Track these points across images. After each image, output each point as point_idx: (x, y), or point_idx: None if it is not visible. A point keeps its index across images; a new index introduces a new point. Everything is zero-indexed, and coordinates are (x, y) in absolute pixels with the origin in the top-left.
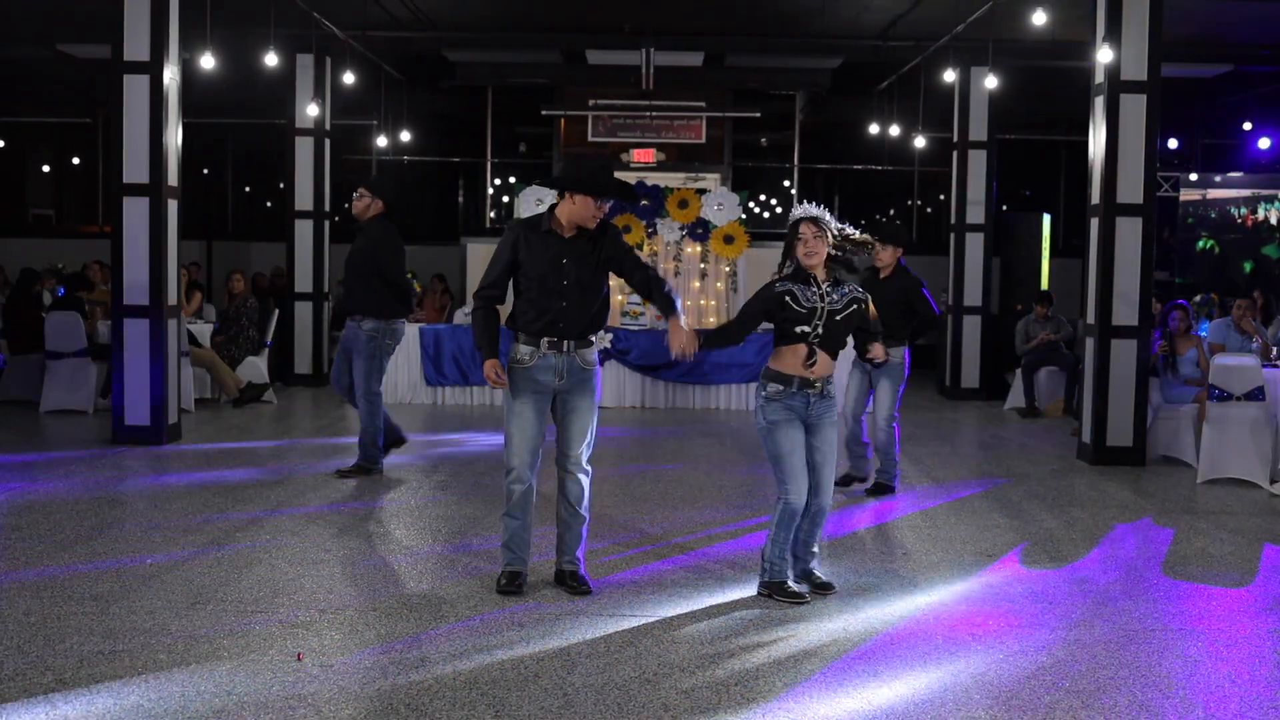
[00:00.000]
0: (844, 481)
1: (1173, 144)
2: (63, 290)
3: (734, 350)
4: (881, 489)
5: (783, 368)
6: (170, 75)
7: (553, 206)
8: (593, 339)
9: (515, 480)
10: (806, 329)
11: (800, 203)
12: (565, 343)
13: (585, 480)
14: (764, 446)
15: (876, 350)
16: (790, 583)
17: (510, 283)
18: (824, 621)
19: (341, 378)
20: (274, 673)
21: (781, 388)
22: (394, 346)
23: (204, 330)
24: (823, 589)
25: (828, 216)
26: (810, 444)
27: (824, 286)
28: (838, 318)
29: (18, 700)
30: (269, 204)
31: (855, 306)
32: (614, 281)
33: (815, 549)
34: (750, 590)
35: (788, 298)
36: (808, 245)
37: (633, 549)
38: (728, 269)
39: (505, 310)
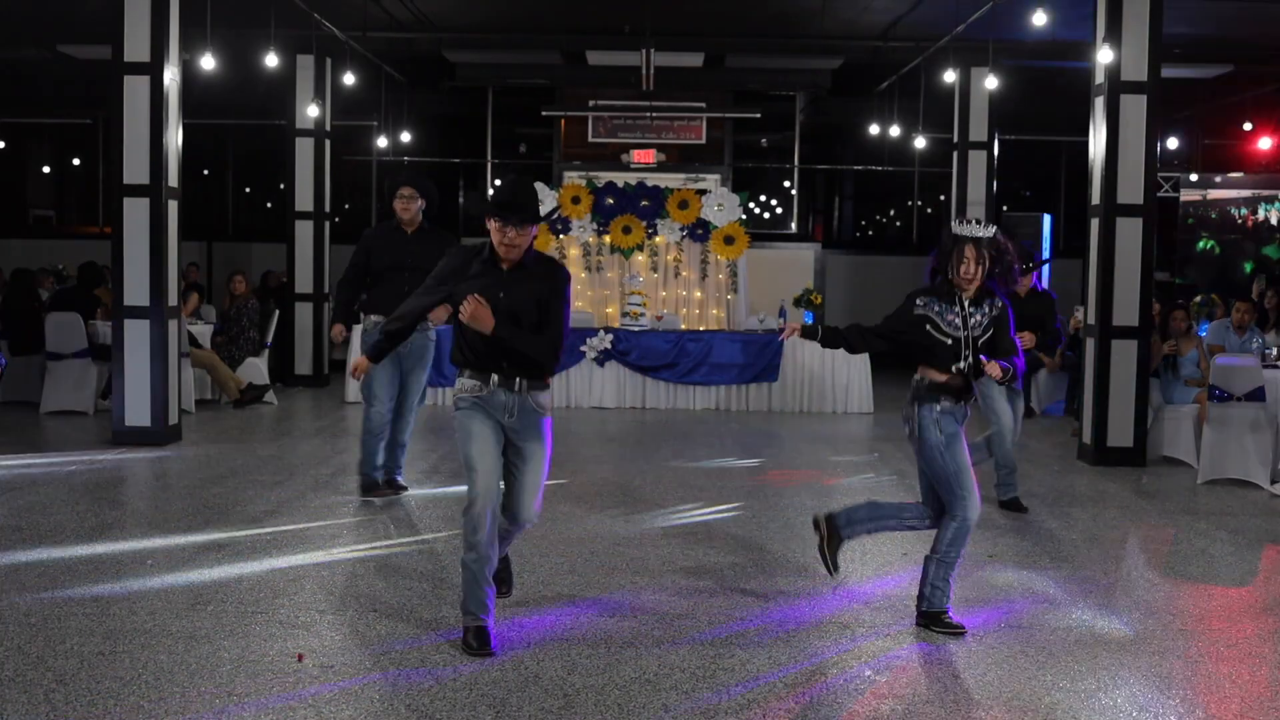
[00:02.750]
0: (1015, 506)
1: (1173, 144)
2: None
3: (733, 350)
4: (1018, 504)
5: (938, 379)
6: (170, 76)
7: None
8: (549, 382)
9: (481, 506)
10: (961, 365)
11: (962, 221)
12: (516, 380)
13: (529, 527)
14: (941, 464)
15: (992, 369)
16: (949, 614)
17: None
18: (824, 623)
19: (389, 390)
20: (274, 673)
21: (951, 402)
22: None
23: (204, 331)
24: (952, 630)
25: (992, 231)
26: None
27: (969, 307)
28: (981, 342)
29: (18, 700)
30: (269, 205)
31: (995, 326)
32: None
33: (950, 581)
34: (749, 589)
35: (928, 325)
36: (967, 268)
37: (633, 549)
38: (727, 269)
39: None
